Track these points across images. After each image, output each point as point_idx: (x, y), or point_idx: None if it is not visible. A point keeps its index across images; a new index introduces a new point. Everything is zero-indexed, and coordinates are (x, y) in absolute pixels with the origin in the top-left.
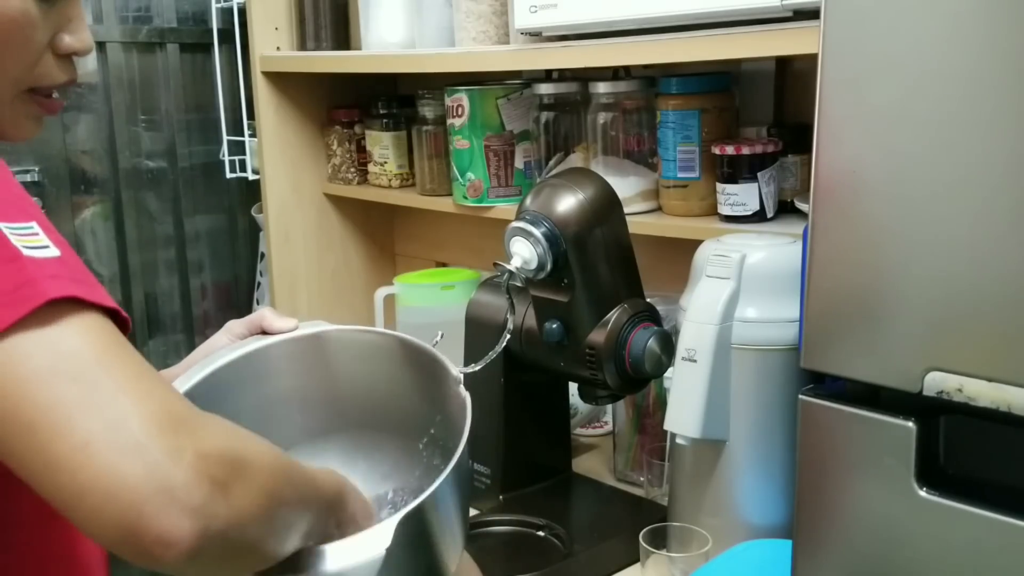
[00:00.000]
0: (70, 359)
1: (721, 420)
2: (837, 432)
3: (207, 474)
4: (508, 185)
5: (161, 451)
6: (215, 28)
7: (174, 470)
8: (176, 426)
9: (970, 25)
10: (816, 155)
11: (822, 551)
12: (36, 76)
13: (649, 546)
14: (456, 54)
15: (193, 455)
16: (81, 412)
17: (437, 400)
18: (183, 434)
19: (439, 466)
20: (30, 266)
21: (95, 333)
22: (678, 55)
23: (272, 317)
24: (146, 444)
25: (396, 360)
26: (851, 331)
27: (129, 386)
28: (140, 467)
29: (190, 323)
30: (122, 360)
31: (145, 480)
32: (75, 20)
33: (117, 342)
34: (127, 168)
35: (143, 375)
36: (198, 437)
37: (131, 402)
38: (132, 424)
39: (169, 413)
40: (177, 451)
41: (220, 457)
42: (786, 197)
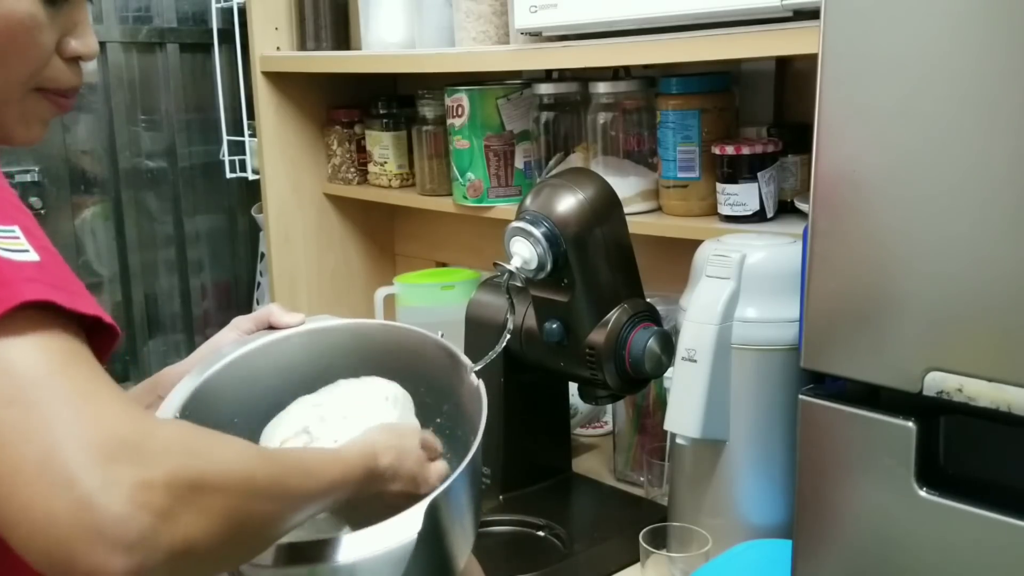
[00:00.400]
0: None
1: (721, 420)
2: (837, 432)
3: (147, 505)
4: (508, 185)
5: (93, 484)
6: (215, 28)
7: (107, 504)
8: (116, 454)
9: (970, 25)
10: (816, 155)
11: (822, 551)
12: (42, 79)
13: (649, 546)
14: (456, 54)
15: (131, 486)
16: (14, 437)
17: (445, 389)
18: (123, 463)
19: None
20: (5, 268)
21: (50, 351)
22: (678, 55)
23: (280, 312)
24: (77, 476)
25: (401, 351)
26: (851, 331)
27: (72, 410)
28: (68, 501)
29: (190, 323)
30: (73, 379)
31: (72, 515)
32: (81, 24)
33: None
34: (127, 168)
35: (93, 396)
36: (143, 464)
37: (69, 429)
38: (65, 453)
39: (111, 439)
40: (112, 483)
41: (168, 484)
42: (786, 197)
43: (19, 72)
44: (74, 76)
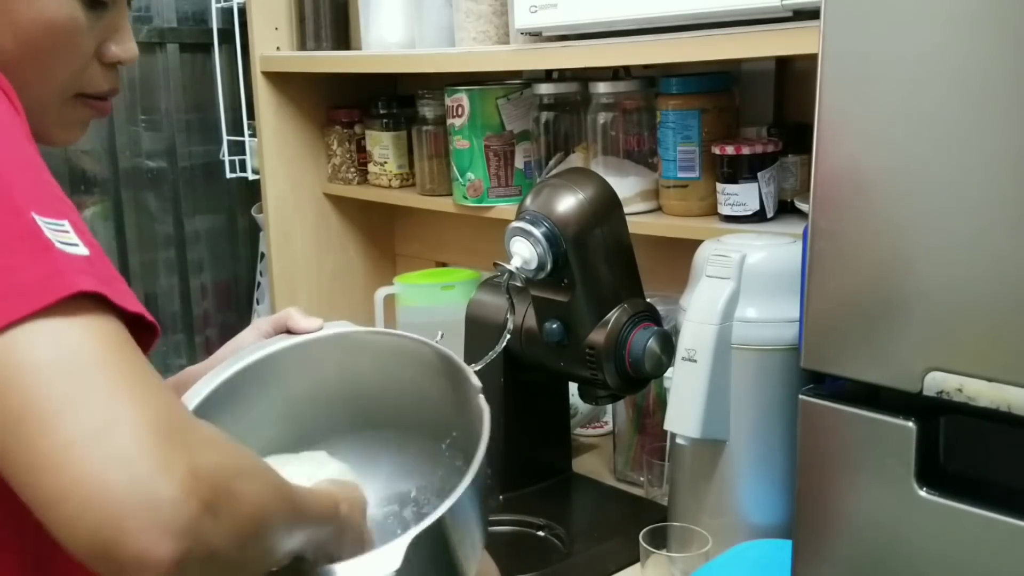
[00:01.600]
0: (71, 355)
1: (721, 420)
2: (837, 432)
3: (197, 493)
4: (508, 185)
5: (151, 463)
6: (215, 28)
7: (163, 485)
8: (171, 438)
9: (970, 24)
10: (816, 155)
11: (822, 551)
12: (81, 84)
13: (649, 546)
14: (456, 54)
15: (185, 471)
16: (72, 410)
17: (458, 406)
18: (177, 447)
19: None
20: (61, 259)
21: (105, 333)
22: (678, 55)
23: (298, 317)
24: (135, 453)
25: (418, 364)
26: (851, 331)
27: (128, 390)
28: (125, 477)
29: (190, 323)
30: (126, 364)
31: (129, 492)
32: (121, 30)
33: (125, 346)
34: (127, 168)
35: (145, 381)
36: (193, 452)
37: (126, 407)
38: (123, 430)
39: (166, 423)
40: (168, 465)
41: (213, 475)
42: (786, 197)
43: (59, 77)
44: (112, 81)
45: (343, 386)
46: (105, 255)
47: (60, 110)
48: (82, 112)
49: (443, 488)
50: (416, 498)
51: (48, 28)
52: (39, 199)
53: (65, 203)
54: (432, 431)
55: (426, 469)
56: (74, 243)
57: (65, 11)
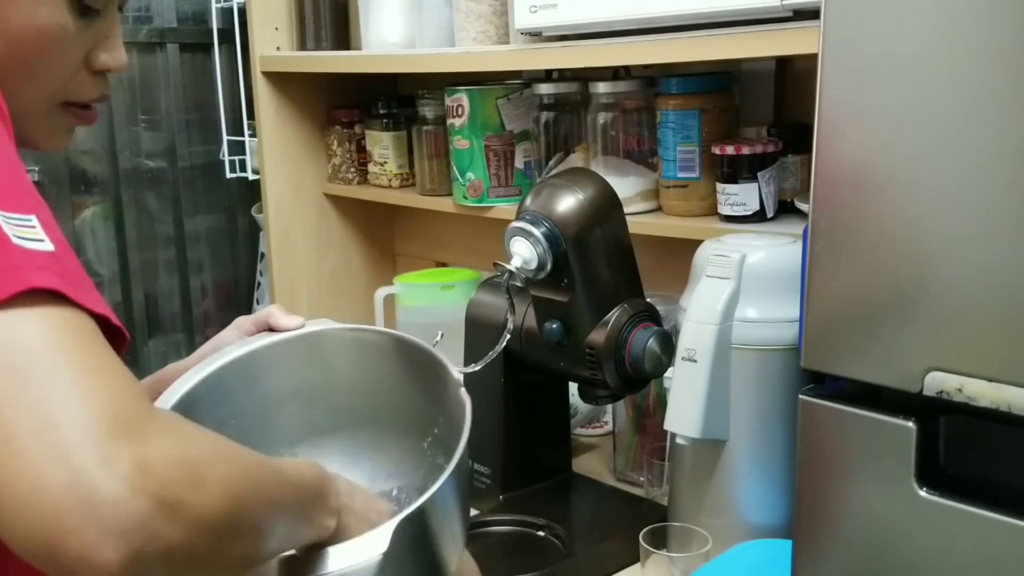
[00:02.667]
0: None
1: (721, 420)
2: (837, 432)
3: (145, 488)
4: (508, 185)
5: (92, 458)
6: (215, 28)
7: (103, 481)
8: (119, 430)
9: (971, 24)
10: (816, 155)
11: (822, 551)
12: (69, 91)
13: (649, 546)
14: (456, 54)
15: (132, 464)
16: (12, 406)
17: (440, 401)
18: (126, 440)
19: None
20: (16, 254)
21: (61, 328)
22: (678, 55)
23: (279, 315)
24: (76, 448)
25: (400, 360)
26: (851, 331)
27: (75, 383)
28: (63, 473)
29: (190, 323)
30: (79, 355)
31: (67, 489)
32: (111, 38)
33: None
34: (127, 168)
35: (98, 369)
36: (145, 444)
37: (70, 400)
38: (66, 424)
39: (115, 415)
40: (112, 459)
41: (168, 468)
42: (786, 197)
43: (47, 84)
44: (100, 88)
45: (324, 385)
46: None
47: (46, 117)
48: (68, 120)
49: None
50: (398, 497)
51: (38, 36)
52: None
53: (36, 199)
54: (414, 429)
55: (408, 468)
56: (39, 239)
57: (55, 19)
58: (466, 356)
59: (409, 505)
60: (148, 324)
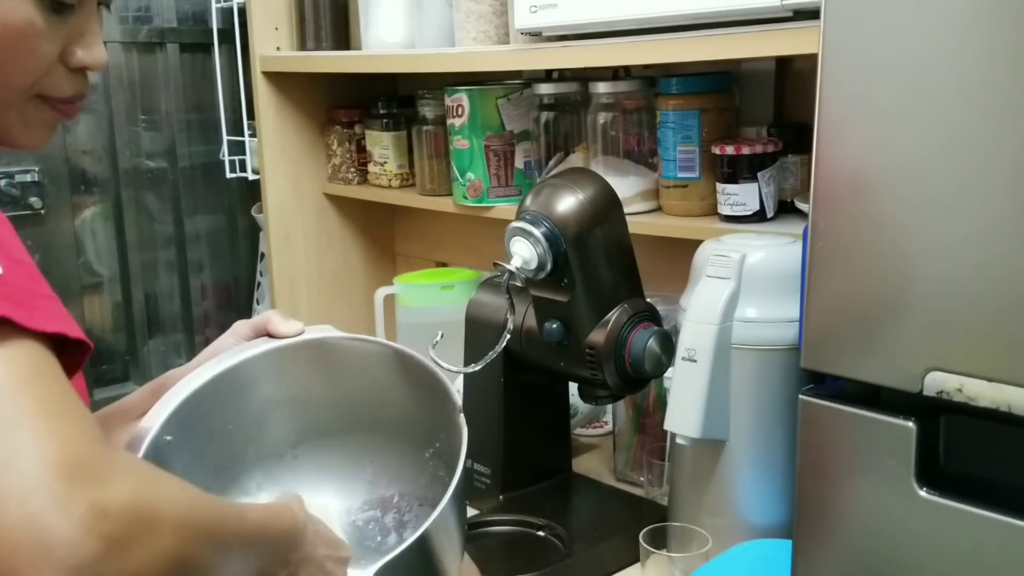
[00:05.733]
0: None
1: (721, 420)
2: (837, 432)
3: (100, 531)
4: (508, 185)
5: (47, 499)
6: (215, 28)
7: (59, 522)
8: (75, 474)
9: (970, 25)
10: (816, 155)
11: (822, 551)
12: (43, 86)
13: (649, 546)
14: (456, 54)
15: (86, 508)
16: None
17: (440, 420)
18: (82, 484)
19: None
20: None
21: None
22: (678, 55)
23: (278, 320)
24: (32, 489)
25: (401, 374)
26: (851, 331)
27: (33, 423)
28: (19, 514)
29: (190, 323)
30: (34, 394)
31: (23, 529)
32: (88, 34)
33: (36, 373)
34: (127, 168)
35: (56, 413)
36: (100, 488)
37: (28, 441)
38: (22, 466)
39: (71, 458)
40: (68, 502)
41: (121, 512)
42: (786, 197)
43: (17, 79)
44: (77, 85)
45: (323, 390)
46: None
47: (23, 110)
48: (45, 113)
49: (426, 496)
50: (398, 504)
51: (3, 32)
52: None
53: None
54: (416, 439)
55: (409, 475)
56: None
57: (20, 14)
58: (466, 356)
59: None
60: (148, 324)
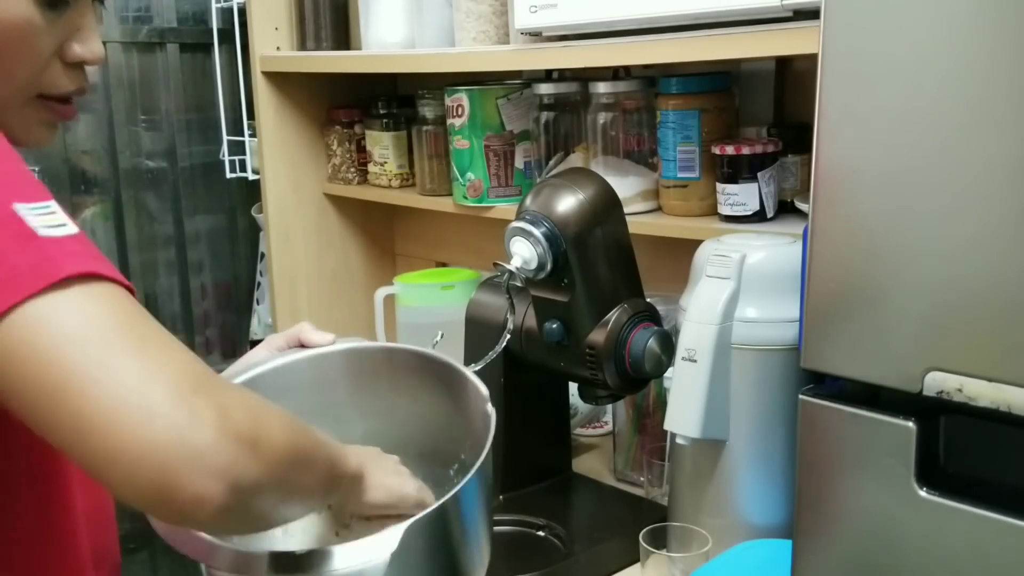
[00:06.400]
0: (91, 325)
1: (721, 420)
2: (837, 432)
3: (232, 432)
4: (508, 185)
5: (185, 414)
6: (215, 28)
7: (200, 431)
8: (197, 388)
9: (970, 25)
10: (816, 155)
11: (822, 551)
12: (43, 84)
13: (649, 546)
14: (456, 54)
15: (216, 415)
16: (107, 375)
17: (467, 421)
18: (204, 396)
19: None
20: (48, 245)
21: (115, 302)
22: (678, 55)
23: (310, 331)
24: (170, 407)
25: (428, 378)
26: (851, 331)
27: (152, 350)
28: (167, 430)
29: (190, 323)
30: (142, 327)
31: (172, 443)
32: (85, 29)
33: (137, 311)
34: (127, 168)
35: (163, 341)
36: (219, 398)
37: (151, 367)
38: (156, 388)
39: (187, 376)
40: (200, 412)
41: (242, 415)
42: (786, 197)
43: (16, 77)
44: (76, 81)
45: (353, 405)
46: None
47: (22, 111)
48: (45, 115)
49: None
50: None
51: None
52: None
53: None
54: (441, 456)
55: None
56: (62, 223)
57: (18, 11)
58: (466, 356)
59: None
60: None
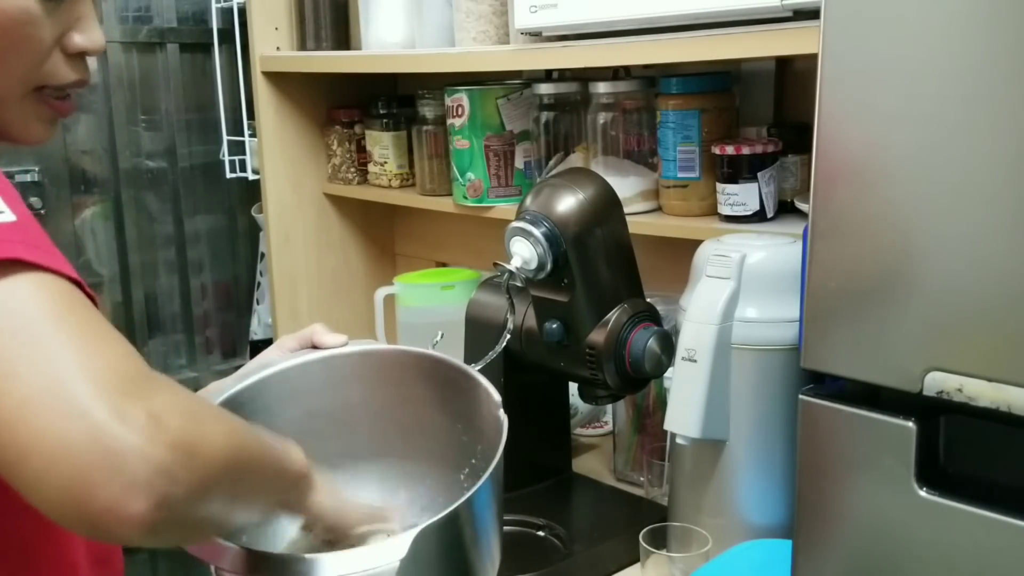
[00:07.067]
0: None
1: (721, 420)
2: (837, 432)
3: (162, 439)
4: (508, 185)
5: (108, 413)
6: (215, 28)
7: (124, 435)
8: (127, 387)
9: (970, 24)
10: (816, 155)
11: (822, 551)
12: (44, 75)
13: (649, 546)
14: (456, 54)
15: (146, 419)
16: (23, 369)
17: (479, 428)
18: (133, 396)
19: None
20: None
21: (47, 291)
22: (678, 55)
23: (323, 332)
24: (90, 405)
25: (440, 382)
26: (851, 331)
27: (78, 344)
28: (84, 429)
29: (190, 323)
30: (75, 318)
31: (89, 444)
32: (85, 19)
33: (73, 300)
34: (127, 168)
35: (97, 334)
36: (152, 398)
37: (77, 360)
38: (75, 383)
39: (121, 373)
40: (126, 413)
41: (177, 420)
42: (786, 197)
43: (16, 69)
44: (78, 71)
45: (363, 407)
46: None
47: (21, 105)
48: (42, 110)
49: None
50: None
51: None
52: None
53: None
54: (451, 461)
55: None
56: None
57: (16, 3)
58: (466, 356)
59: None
60: (148, 324)
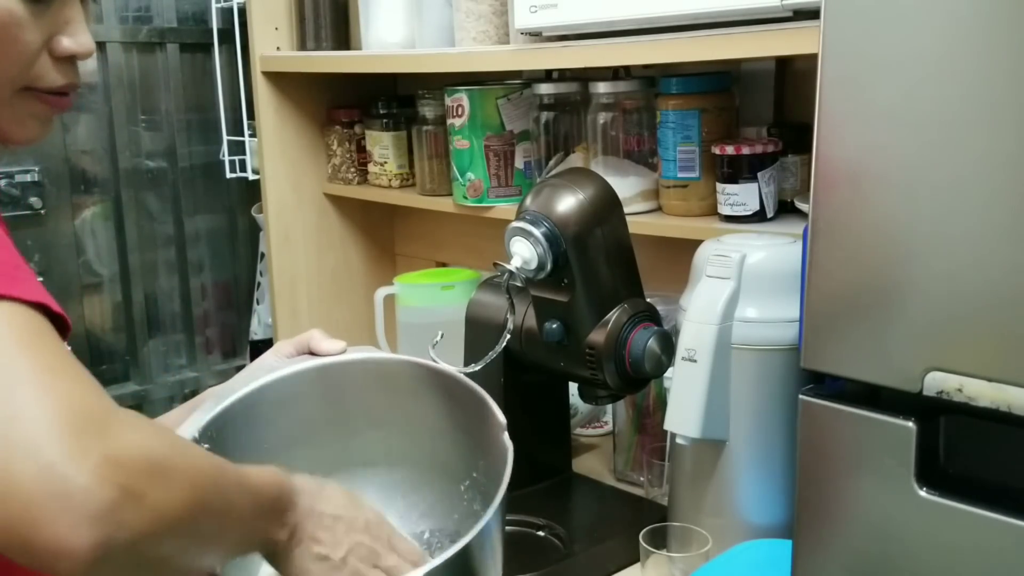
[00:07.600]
0: None
1: (721, 420)
2: (837, 432)
3: (115, 479)
4: (508, 185)
5: (59, 452)
6: (215, 28)
7: (74, 473)
8: (83, 426)
9: (970, 24)
10: (816, 155)
11: (822, 551)
12: (32, 77)
13: (649, 546)
14: (456, 54)
15: (99, 458)
16: None
17: (481, 444)
18: (90, 435)
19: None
20: None
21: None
22: (678, 55)
23: (320, 338)
24: (42, 443)
25: (442, 395)
26: (851, 331)
27: (35, 380)
28: (33, 467)
29: (190, 323)
30: (34, 352)
31: (38, 482)
32: (73, 23)
33: (33, 333)
34: (127, 168)
35: (57, 369)
36: (110, 439)
37: (33, 397)
38: (30, 420)
39: (78, 411)
40: (79, 453)
41: (134, 461)
42: (786, 197)
43: (3, 71)
44: (67, 75)
45: (363, 416)
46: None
47: (11, 103)
48: (35, 107)
49: (458, 531)
50: (429, 540)
51: None
52: None
53: None
54: (452, 471)
55: (442, 511)
56: None
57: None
58: (466, 356)
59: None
60: (148, 324)
